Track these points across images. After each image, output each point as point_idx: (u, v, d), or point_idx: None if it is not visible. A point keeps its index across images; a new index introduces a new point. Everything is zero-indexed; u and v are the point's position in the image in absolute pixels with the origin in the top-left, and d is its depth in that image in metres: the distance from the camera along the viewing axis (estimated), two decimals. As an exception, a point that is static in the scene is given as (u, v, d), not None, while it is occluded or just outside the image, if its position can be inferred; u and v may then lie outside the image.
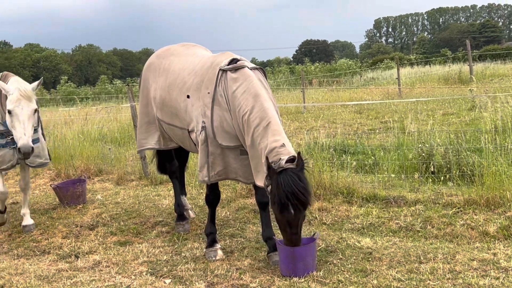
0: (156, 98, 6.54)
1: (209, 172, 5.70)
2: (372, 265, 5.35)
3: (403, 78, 26.83)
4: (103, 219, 7.55)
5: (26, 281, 5.49)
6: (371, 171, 8.87)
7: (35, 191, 9.98)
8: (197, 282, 5.22)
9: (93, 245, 6.56)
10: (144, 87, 6.87)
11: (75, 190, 8.23)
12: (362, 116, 17.29)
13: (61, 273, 5.69)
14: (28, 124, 6.32)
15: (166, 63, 6.60)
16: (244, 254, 5.97)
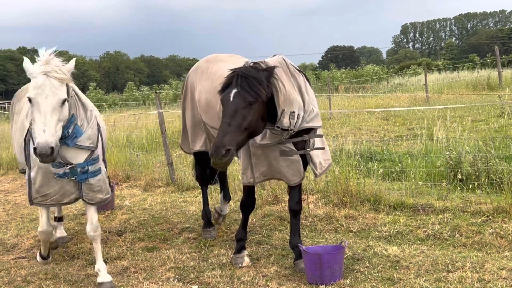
0: (201, 100, 6.53)
1: (253, 173, 5.71)
2: (400, 274, 5.31)
3: (430, 84, 26.56)
4: (131, 225, 7.63)
5: (56, 286, 5.59)
6: (398, 179, 8.81)
7: (64, 197, 10.13)
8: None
9: (121, 250, 6.64)
10: (189, 90, 6.90)
11: (103, 196, 8.33)
12: (389, 122, 17.17)
13: (90, 278, 5.77)
14: (51, 118, 4.87)
15: (214, 68, 6.61)
16: (271, 261, 5.99)
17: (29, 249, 7.05)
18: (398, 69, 54.02)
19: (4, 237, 7.58)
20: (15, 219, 8.64)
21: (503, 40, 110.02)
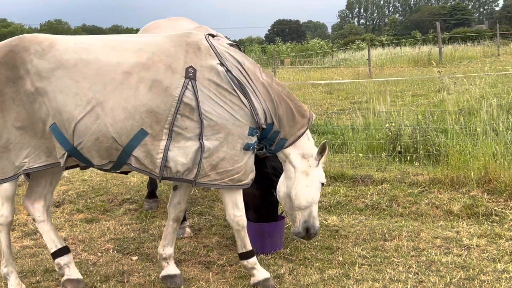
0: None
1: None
2: (338, 243, 5.42)
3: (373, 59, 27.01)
4: (69, 196, 7.47)
5: (-11, 258, 5.41)
6: (340, 151, 8.95)
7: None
8: (164, 259, 5.21)
9: (59, 222, 6.49)
10: None
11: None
12: (332, 96, 17.38)
13: (26, 250, 5.64)
14: None
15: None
16: (212, 232, 5.99)
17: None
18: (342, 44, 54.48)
19: None
20: None
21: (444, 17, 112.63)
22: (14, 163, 4.06)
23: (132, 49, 4.15)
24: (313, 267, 4.85)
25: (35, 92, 3.97)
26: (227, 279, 4.73)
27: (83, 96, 3.96)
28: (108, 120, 3.96)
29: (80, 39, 4.26)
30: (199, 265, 5.10)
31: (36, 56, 3.99)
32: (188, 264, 5.11)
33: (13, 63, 3.97)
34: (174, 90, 4.03)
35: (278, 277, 4.67)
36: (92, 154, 4.05)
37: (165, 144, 4.06)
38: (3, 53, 4.00)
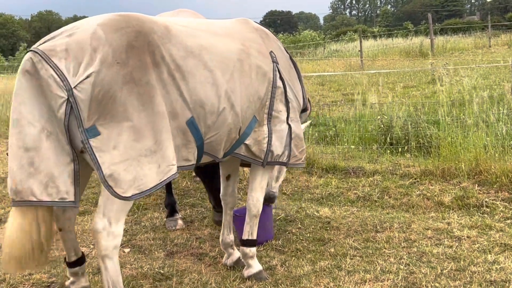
0: None
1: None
2: (330, 234, 5.44)
3: (365, 51, 27.00)
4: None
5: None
6: (332, 143, 8.98)
7: (-9, 160, 9.79)
8: (156, 251, 5.22)
9: (51, 214, 6.47)
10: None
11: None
12: (324, 88, 17.39)
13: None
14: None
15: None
16: (204, 224, 6.00)
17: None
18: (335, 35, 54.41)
19: None
20: None
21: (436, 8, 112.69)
22: (159, 167, 3.37)
23: (224, 35, 4.03)
24: (305, 258, 4.87)
25: (171, 83, 3.45)
26: (219, 270, 4.74)
27: (220, 86, 3.73)
28: (238, 110, 3.89)
29: (175, 22, 3.81)
30: (191, 257, 5.10)
31: (165, 40, 3.49)
32: (181, 256, 5.11)
33: (148, 46, 3.36)
34: (269, 74, 4.16)
35: (270, 269, 4.69)
36: (220, 147, 3.91)
37: (267, 128, 4.17)
38: (133, 35, 3.33)
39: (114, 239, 3.38)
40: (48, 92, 3.09)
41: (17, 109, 3.14)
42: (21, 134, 3.11)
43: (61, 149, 3.17)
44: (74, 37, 3.21)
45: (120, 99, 3.18)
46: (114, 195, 3.21)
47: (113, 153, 3.17)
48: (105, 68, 3.15)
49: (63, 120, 3.10)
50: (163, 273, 4.67)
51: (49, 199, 3.13)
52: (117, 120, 3.18)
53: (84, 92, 3.09)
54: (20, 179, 3.10)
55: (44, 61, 3.10)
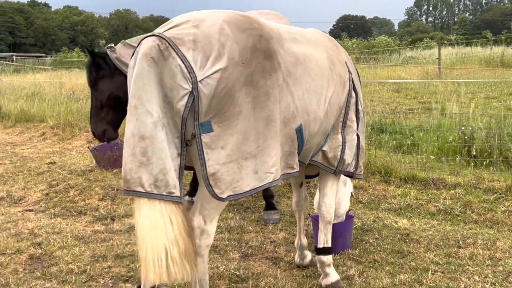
0: None
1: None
2: (409, 247, 5.26)
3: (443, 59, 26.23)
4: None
5: (63, 240, 5.56)
6: (409, 152, 8.72)
7: (71, 152, 10.10)
8: (231, 252, 5.21)
9: (129, 209, 6.60)
10: None
11: (112, 153, 8.29)
12: (400, 95, 16.99)
13: (97, 235, 5.75)
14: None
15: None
16: (279, 228, 5.95)
17: (36, 202, 7.02)
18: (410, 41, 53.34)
19: (11, 189, 7.55)
20: (22, 172, 8.61)
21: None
22: (257, 173, 3.30)
23: (314, 43, 3.99)
24: (384, 270, 4.72)
25: (286, 89, 3.44)
26: (295, 276, 4.67)
27: (320, 94, 3.74)
28: (331, 118, 3.94)
29: (281, 28, 3.77)
30: (266, 260, 5.06)
31: (279, 45, 3.47)
32: (256, 259, 5.08)
33: (268, 51, 3.32)
34: (347, 84, 4.14)
35: (347, 279, 4.58)
36: (310, 154, 3.95)
37: (342, 137, 4.13)
38: (257, 38, 3.29)
39: (208, 237, 3.37)
40: (171, 82, 3.02)
41: (136, 95, 3.06)
42: (138, 122, 3.03)
43: (171, 141, 3.11)
44: (201, 29, 3.15)
45: (237, 100, 3.14)
46: (212, 194, 3.18)
47: (220, 152, 3.14)
48: (232, 66, 3.11)
49: (182, 112, 3.03)
50: (239, 275, 4.65)
51: (156, 192, 3.05)
52: (231, 121, 3.14)
53: (208, 87, 3.04)
54: (131, 168, 3.04)
55: (172, 49, 3.03)
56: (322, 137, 3.95)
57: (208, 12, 3.38)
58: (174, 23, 3.24)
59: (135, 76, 3.09)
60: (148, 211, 3.09)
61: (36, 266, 4.95)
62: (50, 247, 5.35)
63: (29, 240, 5.56)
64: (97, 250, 5.28)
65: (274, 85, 3.32)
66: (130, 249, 5.32)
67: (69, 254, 5.18)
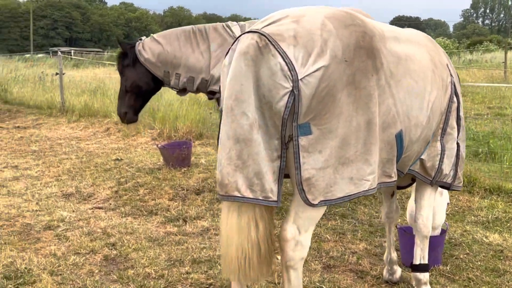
0: None
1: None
2: (505, 265, 4.88)
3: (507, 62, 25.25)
4: (209, 185, 7.40)
5: (137, 241, 5.41)
6: (485, 160, 8.28)
7: (137, 149, 10.03)
8: (312, 263, 4.94)
9: (200, 210, 6.42)
10: None
11: (181, 152, 8.14)
12: (466, 99, 16.36)
13: (171, 237, 5.57)
14: None
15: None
16: (358, 237, 5.64)
17: (105, 199, 6.92)
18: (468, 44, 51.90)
19: (80, 185, 7.49)
20: (89, 168, 8.56)
21: None
22: (352, 179, 3.06)
23: (415, 42, 3.70)
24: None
25: (387, 91, 3.16)
26: (385, 293, 4.37)
27: (422, 98, 3.43)
28: (433, 124, 3.65)
29: (379, 25, 3.51)
30: (350, 273, 4.77)
31: (382, 43, 3.21)
32: (339, 271, 4.80)
33: (372, 49, 3.07)
34: (449, 88, 3.80)
35: (443, 298, 4.25)
36: (409, 163, 3.65)
37: (440, 145, 3.81)
38: (360, 35, 3.05)
39: (302, 249, 3.12)
40: (270, 81, 2.82)
41: (233, 96, 2.88)
42: (234, 124, 2.88)
43: (269, 143, 2.92)
44: (302, 24, 2.93)
45: (339, 101, 2.90)
46: (304, 199, 2.96)
47: (317, 156, 2.92)
48: (334, 64, 2.87)
49: (282, 112, 2.83)
50: (324, 288, 4.39)
51: (252, 196, 2.90)
52: (331, 123, 2.90)
53: (310, 86, 2.81)
54: (227, 172, 2.91)
55: (271, 46, 2.82)
56: (422, 145, 3.63)
57: (307, 8, 3.17)
58: (272, 19, 3.03)
59: (232, 76, 2.91)
60: (237, 212, 2.99)
61: (112, 268, 4.81)
62: (124, 249, 5.21)
63: (102, 240, 5.43)
64: (173, 254, 5.10)
65: (376, 86, 3.07)
66: (206, 253, 5.12)
67: (145, 256, 5.02)
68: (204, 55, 6.14)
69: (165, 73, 6.23)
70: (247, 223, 2.98)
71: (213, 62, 6.08)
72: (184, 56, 6.17)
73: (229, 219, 3.01)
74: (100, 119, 12.89)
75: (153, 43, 6.24)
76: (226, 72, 3.03)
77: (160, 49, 6.23)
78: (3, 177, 8.02)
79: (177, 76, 6.18)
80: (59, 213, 6.25)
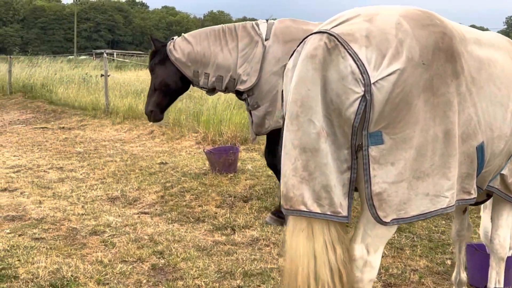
0: None
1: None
2: None
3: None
4: (256, 192, 7.16)
5: (185, 250, 5.19)
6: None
7: (181, 153, 9.87)
8: (372, 280, 4.63)
9: (249, 219, 6.17)
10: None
11: (228, 157, 7.92)
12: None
13: (219, 246, 5.34)
14: None
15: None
16: (417, 254, 5.30)
17: (151, 204, 6.75)
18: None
19: (125, 189, 7.35)
20: (134, 171, 8.43)
21: None
22: (427, 195, 2.76)
23: (496, 46, 3.38)
24: (562, 319, 4.00)
25: (468, 98, 2.86)
26: (454, 317, 4.03)
27: (506, 107, 3.15)
28: None
29: (458, 26, 3.25)
30: (414, 293, 4.46)
31: (463, 46, 2.91)
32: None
33: (452, 52, 2.79)
34: None
35: (519, 326, 3.90)
36: (489, 178, 3.32)
37: None
38: (439, 36, 2.76)
39: (371, 270, 2.84)
40: (339, 85, 2.58)
41: (298, 101, 2.66)
42: (299, 132, 2.65)
43: (337, 153, 2.68)
44: (375, 23, 2.68)
45: (414, 108, 2.62)
46: (374, 216, 2.69)
47: (389, 169, 2.64)
48: (411, 67, 2.60)
49: (352, 120, 2.58)
50: (389, 309, 4.08)
51: (320, 211, 2.66)
52: (406, 132, 2.63)
53: (383, 91, 2.55)
54: (293, 184, 2.68)
55: (342, 47, 2.58)
56: (504, 159, 3.29)
57: (380, 6, 2.91)
58: (342, 18, 2.78)
59: (297, 80, 2.68)
60: (307, 233, 2.71)
61: (160, 279, 4.60)
62: (173, 258, 4.99)
63: (150, 248, 5.23)
64: (223, 265, 4.86)
65: (455, 93, 2.77)
66: (257, 266, 4.87)
67: (194, 267, 4.79)
68: (233, 54, 6.04)
69: (194, 72, 6.18)
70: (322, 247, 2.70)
71: (240, 61, 5.96)
72: (213, 55, 6.10)
73: (299, 240, 2.74)
74: (144, 121, 12.79)
75: (184, 43, 6.24)
76: (290, 76, 2.81)
77: (190, 48, 6.19)
78: (48, 179, 7.94)
79: (206, 75, 6.15)
80: (105, 218, 6.09)
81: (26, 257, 4.91)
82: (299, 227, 2.78)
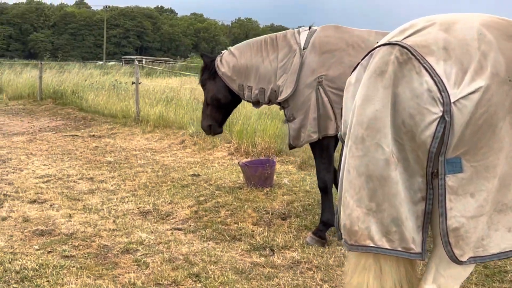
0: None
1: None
2: None
3: None
4: (295, 209, 6.79)
5: (222, 273, 4.86)
6: None
7: (214, 164, 9.56)
8: None
9: (288, 238, 5.82)
10: None
11: (264, 171, 7.57)
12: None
13: (258, 269, 5.00)
14: None
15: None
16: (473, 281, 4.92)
17: (184, 220, 6.44)
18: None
19: (157, 203, 7.06)
20: (166, 183, 8.14)
21: None
22: (510, 231, 2.43)
23: None
24: None
25: None
26: None
27: None
28: None
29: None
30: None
31: None
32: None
33: None
34: None
35: None
36: None
37: None
38: None
39: None
40: (413, 104, 2.28)
41: (364, 123, 2.37)
42: (366, 158, 2.37)
43: (410, 182, 2.38)
44: (454, 34, 2.36)
45: (499, 132, 2.29)
46: (450, 255, 2.38)
47: (468, 201, 2.32)
48: (496, 84, 2.27)
49: (428, 145, 2.28)
50: None
51: (389, 247, 2.39)
52: (489, 160, 2.30)
53: (464, 111, 2.24)
54: (357, 216, 2.42)
55: (416, 61, 2.28)
56: None
57: (456, 14, 2.57)
58: (415, 27, 2.45)
59: (363, 99, 2.38)
60: (375, 272, 2.45)
61: (197, 305, 4.27)
62: (210, 281, 4.67)
63: (185, 270, 4.91)
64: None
65: None
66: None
67: (233, 292, 4.47)
68: (273, 65, 5.81)
69: (239, 86, 6.04)
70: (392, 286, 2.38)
71: (279, 71, 5.72)
72: (254, 67, 5.91)
73: (364, 279, 2.46)
74: (175, 130, 12.54)
75: (229, 56, 6.13)
76: (351, 92, 2.49)
77: (234, 61, 6.05)
78: (78, 190, 7.70)
79: (249, 88, 5.98)
80: (137, 234, 5.80)
81: (56, 277, 4.64)
82: (363, 264, 2.49)
